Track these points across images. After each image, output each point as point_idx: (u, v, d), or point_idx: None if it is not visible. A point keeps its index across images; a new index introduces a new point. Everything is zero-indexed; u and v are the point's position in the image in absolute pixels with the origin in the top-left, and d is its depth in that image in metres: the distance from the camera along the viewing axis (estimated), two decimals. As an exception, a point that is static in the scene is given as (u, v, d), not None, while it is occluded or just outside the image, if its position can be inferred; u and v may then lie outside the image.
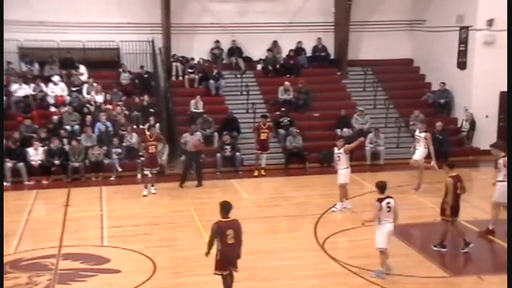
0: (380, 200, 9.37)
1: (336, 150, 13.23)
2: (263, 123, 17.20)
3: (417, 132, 14.92)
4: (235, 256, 8.23)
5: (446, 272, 9.82)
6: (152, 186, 14.88)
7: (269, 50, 21.21)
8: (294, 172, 17.20)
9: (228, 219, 8.18)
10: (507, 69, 17.00)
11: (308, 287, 9.31)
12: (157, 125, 17.71)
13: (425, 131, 14.76)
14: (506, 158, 11.20)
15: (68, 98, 18.52)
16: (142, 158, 15.75)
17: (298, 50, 21.55)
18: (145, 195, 14.64)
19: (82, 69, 19.48)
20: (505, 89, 18.47)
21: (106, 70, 20.03)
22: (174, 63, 20.35)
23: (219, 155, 17.35)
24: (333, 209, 13.04)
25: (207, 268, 9.60)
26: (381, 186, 9.50)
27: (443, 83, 19.82)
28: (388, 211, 9.36)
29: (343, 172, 13.07)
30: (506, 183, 11.07)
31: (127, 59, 20.29)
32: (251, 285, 8.70)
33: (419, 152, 14.64)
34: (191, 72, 20.19)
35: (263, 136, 16.94)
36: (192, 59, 20.63)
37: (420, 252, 10.61)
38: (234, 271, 8.34)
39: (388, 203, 9.35)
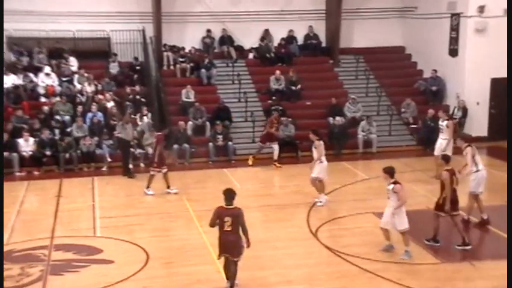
0: (397, 183, 9.56)
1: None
2: (275, 117, 17.17)
3: (440, 122, 14.63)
4: (230, 243, 8.23)
5: (438, 259, 9.85)
6: (168, 187, 13.93)
7: (262, 38, 21.11)
8: (286, 161, 17.16)
9: (230, 206, 8.25)
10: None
11: (301, 276, 9.32)
12: (149, 114, 17.65)
13: (447, 119, 14.51)
14: (469, 148, 11.05)
15: (58, 88, 18.37)
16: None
17: (290, 39, 21.45)
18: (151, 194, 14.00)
19: (72, 59, 19.31)
20: (496, 76, 18.54)
21: (97, 60, 19.85)
22: (165, 53, 20.21)
23: (211, 144, 17.30)
24: (319, 203, 12.73)
25: (200, 258, 9.60)
26: (391, 171, 9.69)
27: (435, 71, 19.81)
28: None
29: (315, 166, 12.66)
30: (479, 173, 11.00)
31: (117, 48, 20.11)
32: (244, 275, 8.70)
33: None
34: (182, 62, 20.07)
35: (273, 130, 16.85)
36: (183, 48, 20.48)
37: (412, 239, 10.60)
38: (232, 259, 8.34)
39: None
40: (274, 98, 18.96)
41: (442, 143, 14.34)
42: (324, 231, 11.28)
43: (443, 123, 14.49)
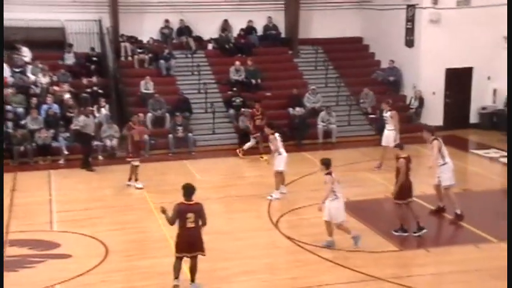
0: (330, 174, 9.54)
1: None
2: (256, 109, 16.94)
3: (384, 113, 14.78)
4: (194, 241, 8.08)
5: (396, 246, 10.03)
6: (136, 180, 13.64)
7: (223, 29, 20.98)
8: (247, 152, 17.12)
9: (190, 202, 8.06)
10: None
11: (263, 266, 9.36)
12: (107, 106, 17.35)
13: (390, 110, 14.65)
14: (436, 142, 10.99)
15: (11, 80, 17.82)
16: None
17: (249, 29, 21.39)
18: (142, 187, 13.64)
19: (25, 50, 18.74)
20: (450, 66, 18.96)
21: (51, 50, 19.33)
22: (123, 44, 19.87)
23: (171, 136, 17.13)
24: (269, 197, 12.59)
25: (160, 251, 9.52)
26: (327, 163, 9.78)
27: (392, 61, 20.10)
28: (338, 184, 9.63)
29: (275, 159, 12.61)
30: (446, 165, 11.01)
31: (73, 39, 19.63)
32: (206, 266, 8.66)
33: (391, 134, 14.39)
34: (141, 53, 19.77)
35: (258, 122, 16.58)
36: (141, 41, 20.18)
37: (371, 227, 10.79)
38: (194, 255, 8.18)
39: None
40: (234, 89, 18.88)
41: (390, 134, 14.51)
42: (284, 221, 11.34)
43: (386, 114, 14.70)
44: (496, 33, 18.48)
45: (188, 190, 8.11)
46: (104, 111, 17.27)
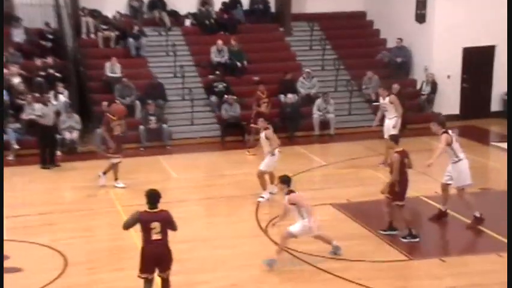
0: (290, 192, 9.49)
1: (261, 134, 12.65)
2: (261, 91, 16.80)
3: (381, 100, 14.83)
4: (161, 256, 7.88)
5: (405, 255, 10.03)
6: (116, 179, 13.69)
7: (203, 3, 20.89)
8: (231, 145, 17.15)
9: (155, 210, 7.95)
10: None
11: (248, 279, 9.32)
12: (65, 92, 17.24)
13: (388, 95, 14.70)
14: (444, 136, 10.82)
15: None
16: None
17: (233, 3, 21.35)
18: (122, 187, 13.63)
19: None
20: (469, 45, 19.00)
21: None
22: (84, 19, 19.81)
23: (142, 127, 17.06)
24: (260, 199, 12.54)
25: (129, 261, 9.44)
26: (286, 180, 9.64)
27: (400, 39, 20.15)
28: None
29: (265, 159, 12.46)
30: (460, 163, 10.92)
31: (23, 12, 19.40)
32: (183, 279, 8.63)
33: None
34: (105, 29, 19.68)
35: (264, 108, 16.51)
36: (106, 16, 20.02)
37: (375, 233, 10.79)
38: (162, 274, 7.98)
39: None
40: (217, 72, 18.83)
41: (390, 123, 14.54)
42: (274, 226, 11.27)
43: (385, 101, 14.72)
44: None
45: (153, 197, 7.93)
46: (62, 98, 17.18)
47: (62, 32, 19.43)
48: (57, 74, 17.87)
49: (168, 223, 7.89)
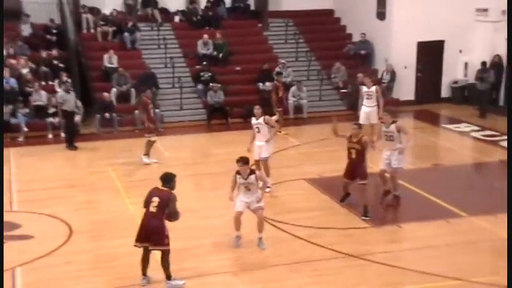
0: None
1: (253, 120, 11.62)
2: (278, 80, 16.71)
3: (365, 88, 14.54)
4: (150, 229, 7.75)
5: (368, 223, 10.12)
6: (147, 154, 13.45)
7: (191, 1, 20.62)
8: (216, 128, 17.04)
9: (162, 188, 7.91)
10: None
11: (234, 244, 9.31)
12: (69, 81, 16.99)
13: (373, 84, 14.53)
14: (396, 124, 10.79)
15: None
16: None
17: (217, 1, 21.08)
18: (149, 163, 13.33)
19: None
20: (422, 40, 19.04)
21: (7, 21, 18.70)
22: (84, 15, 19.39)
23: (137, 112, 16.84)
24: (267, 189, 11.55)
25: (127, 231, 9.37)
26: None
27: (364, 34, 20.09)
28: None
29: (263, 145, 11.52)
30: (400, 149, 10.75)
31: (30, 9, 18.99)
32: (179, 244, 8.55)
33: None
34: (103, 25, 19.34)
35: (280, 93, 16.34)
36: (104, 14, 19.69)
37: (343, 204, 10.85)
38: (152, 248, 7.81)
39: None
40: (204, 63, 18.63)
41: (373, 111, 14.39)
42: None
43: (371, 89, 14.60)
44: (468, 6, 18.65)
45: (163, 177, 7.96)
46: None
47: (65, 27, 19.04)
48: (61, 65, 17.61)
49: (166, 202, 7.79)
